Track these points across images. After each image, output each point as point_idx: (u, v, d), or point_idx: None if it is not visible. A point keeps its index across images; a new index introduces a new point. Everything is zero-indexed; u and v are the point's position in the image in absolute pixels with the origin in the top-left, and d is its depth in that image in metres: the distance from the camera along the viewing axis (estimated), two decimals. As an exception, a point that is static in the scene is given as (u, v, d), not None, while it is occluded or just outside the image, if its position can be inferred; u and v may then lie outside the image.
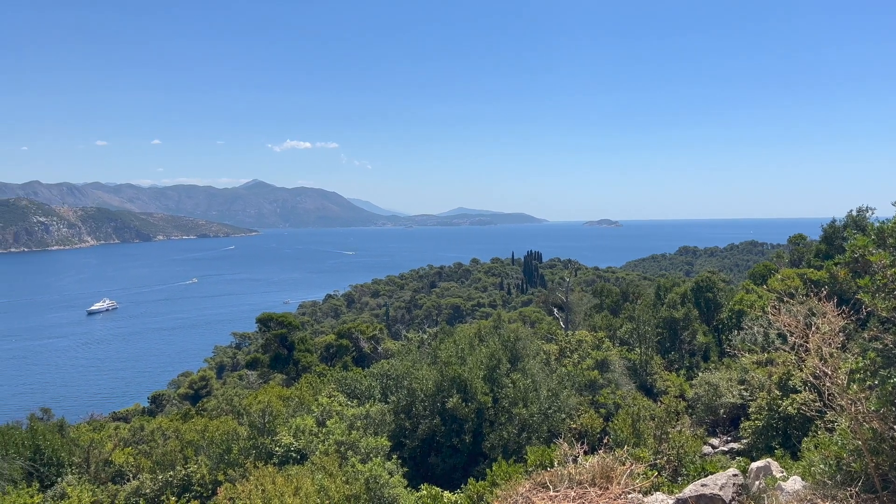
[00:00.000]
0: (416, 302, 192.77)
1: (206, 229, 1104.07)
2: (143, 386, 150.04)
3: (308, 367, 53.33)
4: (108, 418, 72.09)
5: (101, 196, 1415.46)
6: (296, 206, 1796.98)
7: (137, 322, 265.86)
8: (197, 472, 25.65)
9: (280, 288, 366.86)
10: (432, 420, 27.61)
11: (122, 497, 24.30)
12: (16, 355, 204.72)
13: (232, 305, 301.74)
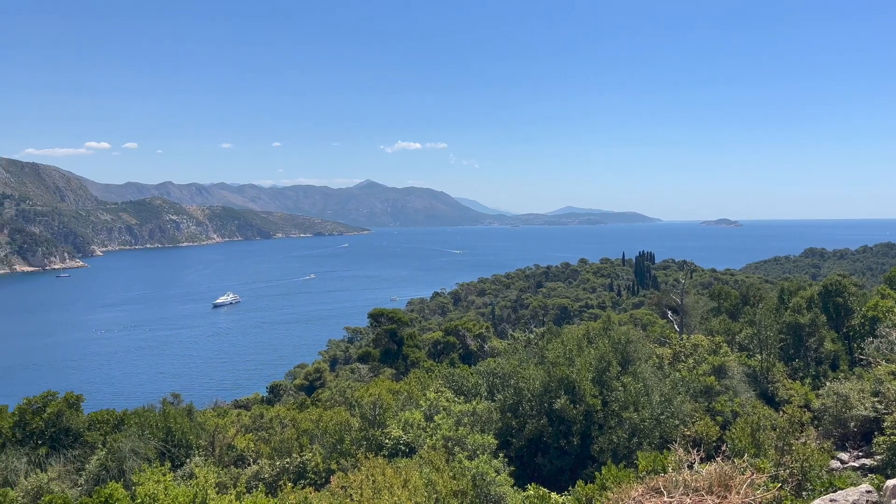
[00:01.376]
0: (523, 301, 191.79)
1: (321, 228, 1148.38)
2: (262, 376, 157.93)
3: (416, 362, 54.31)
4: (230, 405, 76.40)
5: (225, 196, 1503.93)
6: (405, 206, 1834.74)
7: (258, 315, 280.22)
8: (312, 459, 26.72)
9: (389, 285, 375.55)
10: (539, 420, 27.38)
11: (243, 480, 25.69)
12: (150, 344, 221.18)
13: (345, 301, 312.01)
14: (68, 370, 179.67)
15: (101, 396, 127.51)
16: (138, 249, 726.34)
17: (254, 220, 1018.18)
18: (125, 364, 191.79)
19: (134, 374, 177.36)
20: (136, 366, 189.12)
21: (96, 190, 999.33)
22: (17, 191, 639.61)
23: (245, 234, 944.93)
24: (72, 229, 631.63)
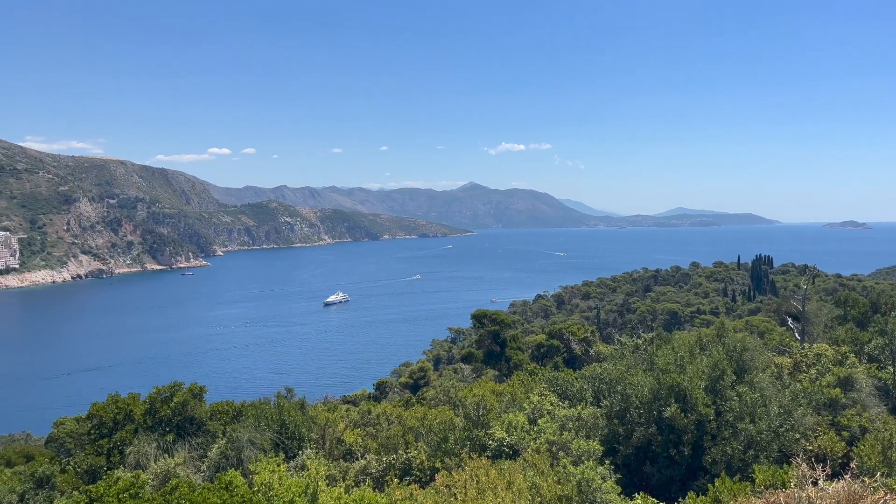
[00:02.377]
0: (630, 306, 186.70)
1: (426, 229, 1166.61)
2: (369, 373, 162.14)
3: (519, 364, 54.06)
4: (339, 401, 78.95)
5: (336, 198, 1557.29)
6: (508, 207, 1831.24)
7: (366, 314, 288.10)
8: (417, 457, 27.18)
9: (491, 286, 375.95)
10: (648, 428, 26.57)
11: (351, 474, 26.50)
12: (265, 340, 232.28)
13: (448, 301, 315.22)
14: (192, 363, 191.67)
15: (221, 388, 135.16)
16: (255, 250, 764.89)
17: (362, 221, 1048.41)
18: (242, 358, 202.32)
19: (250, 369, 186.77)
20: (252, 360, 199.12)
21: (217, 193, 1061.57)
22: (149, 194, 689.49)
23: (354, 235, 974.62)
24: (196, 230, 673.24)
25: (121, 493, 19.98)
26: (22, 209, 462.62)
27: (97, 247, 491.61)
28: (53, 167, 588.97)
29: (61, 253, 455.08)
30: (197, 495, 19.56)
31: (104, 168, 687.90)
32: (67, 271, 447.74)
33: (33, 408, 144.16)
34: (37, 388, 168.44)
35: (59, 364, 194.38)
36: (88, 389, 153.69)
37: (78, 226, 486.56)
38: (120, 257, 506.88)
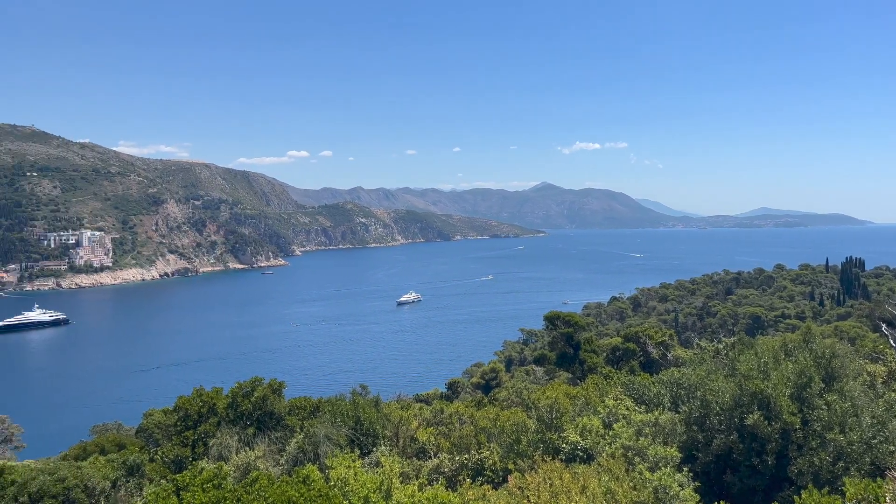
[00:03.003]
0: (710, 309, 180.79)
1: (498, 230, 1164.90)
2: (441, 372, 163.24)
3: (593, 367, 53.23)
4: (412, 399, 79.73)
5: (409, 199, 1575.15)
6: (582, 208, 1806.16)
7: (438, 314, 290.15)
8: (489, 458, 27.16)
9: (564, 287, 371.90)
10: (728, 436, 25.66)
11: (424, 472, 26.72)
12: (340, 338, 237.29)
13: (520, 302, 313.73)
14: (271, 359, 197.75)
15: (298, 384, 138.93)
16: (331, 250, 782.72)
17: (435, 222, 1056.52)
18: (318, 355, 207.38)
19: (325, 366, 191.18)
20: (327, 357, 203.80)
21: (296, 195, 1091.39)
22: (231, 196, 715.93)
23: (426, 235, 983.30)
24: (275, 231, 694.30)
25: (205, 483, 20.82)
26: (115, 210, 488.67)
27: (183, 246, 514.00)
28: (143, 170, 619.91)
29: (150, 252, 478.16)
30: (276, 488, 20.17)
31: (190, 171, 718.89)
32: (155, 269, 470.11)
33: (124, 399, 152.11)
34: (128, 380, 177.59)
35: (149, 358, 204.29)
36: (175, 383, 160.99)
37: (165, 226, 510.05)
38: (204, 256, 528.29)
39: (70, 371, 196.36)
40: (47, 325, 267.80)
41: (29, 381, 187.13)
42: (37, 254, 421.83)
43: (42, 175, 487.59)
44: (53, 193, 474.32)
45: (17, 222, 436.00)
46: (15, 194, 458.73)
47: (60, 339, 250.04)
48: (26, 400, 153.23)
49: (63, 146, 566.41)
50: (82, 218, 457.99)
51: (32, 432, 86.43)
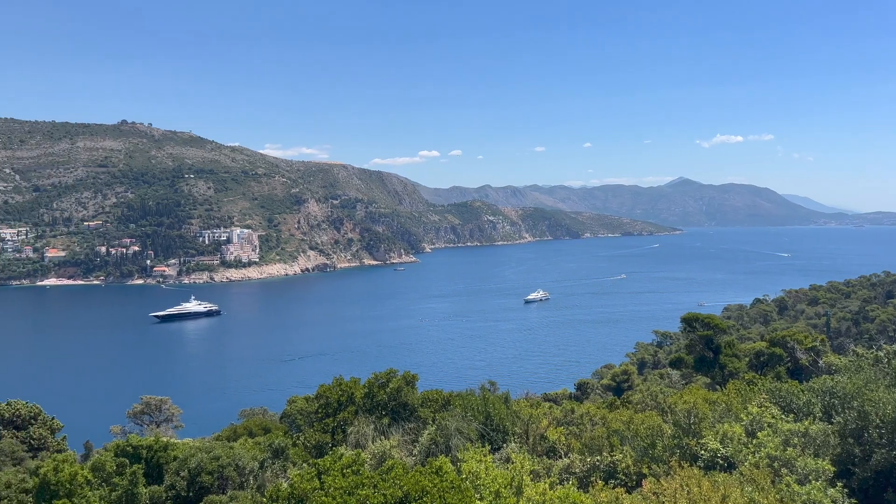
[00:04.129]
0: (867, 313, 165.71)
1: (630, 227, 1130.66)
2: (569, 372, 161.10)
3: (735, 372, 50.48)
4: (540, 398, 79.30)
5: (537, 197, 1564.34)
6: (722, 204, 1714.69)
7: (566, 313, 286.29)
8: (622, 461, 26.53)
9: (701, 288, 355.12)
10: (891, 451, 23.51)
11: (555, 471, 26.56)
12: (468, 334, 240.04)
13: (653, 303, 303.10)
14: (402, 352, 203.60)
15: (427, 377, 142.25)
16: (460, 247, 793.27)
17: (563, 220, 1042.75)
18: (446, 350, 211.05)
19: (453, 360, 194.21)
20: (455, 353, 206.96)
21: (426, 193, 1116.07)
22: (366, 195, 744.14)
23: (555, 233, 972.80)
24: (407, 229, 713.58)
25: (344, 468, 21.86)
26: (261, 209, 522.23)
27: (322, 243, 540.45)
28: (287, 171, 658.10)
29: (293, 248, 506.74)
30: (410, 477, 20.81)
31: (329, 172, 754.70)
32: (297, 265, 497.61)
33: (269, 386, 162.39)
34: (272, 369, 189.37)
35: (291, 348, 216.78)
36: (314, 372, 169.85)
37: (307, 224, 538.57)
38: (341, 253, 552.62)
39: (221, 358, 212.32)
40: (202, 315, 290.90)
41: (186, 366, 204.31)
42: (193, 249, 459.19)
43: (198, 177, 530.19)
44: (207, 194, 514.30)
45: (176, 220, 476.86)
46: (175, 195, 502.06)
47: (213, 329, 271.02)
48: (184, 383, 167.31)
49: (216, 150, 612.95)
50: (232, 216, 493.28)
51: (189, 413, 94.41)
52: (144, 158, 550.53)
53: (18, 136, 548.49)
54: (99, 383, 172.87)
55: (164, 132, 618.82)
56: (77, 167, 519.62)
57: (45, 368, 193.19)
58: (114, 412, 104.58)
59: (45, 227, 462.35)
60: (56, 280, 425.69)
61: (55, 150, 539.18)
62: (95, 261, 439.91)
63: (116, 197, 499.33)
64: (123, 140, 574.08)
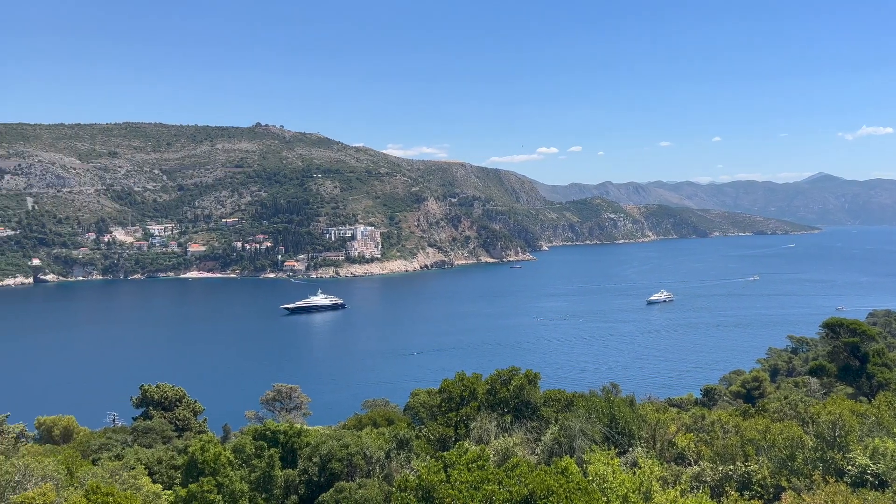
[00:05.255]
0: None
1: (762, 226, 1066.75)
2: (693, 377, 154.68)
3: (885, 383, 46.52)
4: (664, 402, 76.63)
5: (661, 194, 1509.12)
6: (868, 201, 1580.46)
7: (692, 315, 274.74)
8: (758, 472, 25.18)
9: (842, 291, 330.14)
10: None
11: (684, 479, 25.60)
12: (586, 334, 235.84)
13: (787, 306, 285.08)
14: (520, 350, 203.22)
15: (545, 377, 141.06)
16: (578, 245, 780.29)
17: (690, 217, 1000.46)
18: (564, 350, 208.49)
19: (572, 361, 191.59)
20: (573, 353, 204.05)
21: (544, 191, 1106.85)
22: (484, 193, 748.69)
23: (680, 231, 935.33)
24: (524, 226, 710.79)
25: (470, 463, 22.18)
26: (383, 207, 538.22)
27: (441, 241, 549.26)
28: (408, 170, 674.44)
29: (412, 245, 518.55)
30: (535, 476, 20.79)
31: (447, 170, 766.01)
32: (417, 261, 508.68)
33: (390, 379, 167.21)
34: (393, 362, 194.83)
35: (411, 342, 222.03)
36: (433, 366, 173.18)
37: (426, 222, 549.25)
38: (459, 250, 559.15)
39: (345, 350, 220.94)
40: (328, 308, 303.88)
41: (313, 356, 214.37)
42: (320, 245, 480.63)
43: (325, 176, 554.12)
44: (334, 192, 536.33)
45: (305, 218, 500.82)
46: (304, 193, 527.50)
47: (338, 321, 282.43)
48: (311, 373, 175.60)
49: (342, 150, 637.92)
50: (357, 214, 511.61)
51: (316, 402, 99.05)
52: (276, 159, 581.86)
53: (166, 140, 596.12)
54: (234, 369, 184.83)
55: (294, 134, 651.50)
56: (216, 168, 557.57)
57: (187, 354, 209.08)
58: (248, 397, 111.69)
59: (188, 224, 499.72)
60: (197, 273, 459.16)
61: (197, 152, 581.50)
62: (232, 255, 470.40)
63: (251, 195, 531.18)
64: (258, 142, 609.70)
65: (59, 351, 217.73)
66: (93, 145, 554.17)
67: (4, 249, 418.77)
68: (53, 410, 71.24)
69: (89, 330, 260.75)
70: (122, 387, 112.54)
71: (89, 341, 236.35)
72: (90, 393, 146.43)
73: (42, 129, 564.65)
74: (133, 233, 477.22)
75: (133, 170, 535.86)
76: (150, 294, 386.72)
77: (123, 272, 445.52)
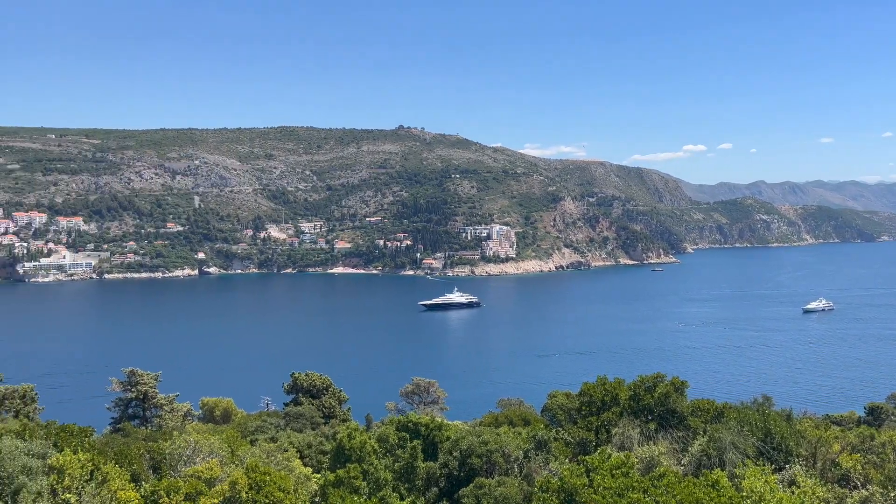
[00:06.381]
0: None
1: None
2: (856, 394, 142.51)
3: None
4: (822, 419, 70.98)
5: (821, 194, 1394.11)
6: None
7: (856, 326, 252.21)
8: (940, 502, 22.70)
9: None
10: None
11: (849, 503, 23.60)
12: (735, 342, 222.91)
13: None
14: (662, 357, 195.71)
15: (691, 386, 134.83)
16: (726, 248, 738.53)
17: (854, 220, 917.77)
18: (710, 358, 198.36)
19: (719, 369, 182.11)
20: (720, 362, 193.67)
21: (690, 190, 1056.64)
22: (624, 193, 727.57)
23: (842, 235, 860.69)
24: (667, 227, 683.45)
25: (613, 469, 21.71)
26: (519, 207, 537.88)
27: (577, 241, 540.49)
28: (545, 170, 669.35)
29: (547, 246, 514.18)
30: (683, 487, 20.00)
31: (586, 169, 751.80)
32: (552, 262, 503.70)
33: (524, 379, 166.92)
34: (528, 362, 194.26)
35: (548, 344, 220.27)
36: (570, 369, 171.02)
37: (562, 222, 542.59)
38: (596, 251, 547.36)
39: (480, 348, 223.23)
40: (463, 306, 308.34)
41: (448, 352, 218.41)
42: (456, 244, 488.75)
43: (462, 177, 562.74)
44: (471, 192, 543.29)
45: (443, 217, 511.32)
46: (442, 193, 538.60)
47: (473, 320, 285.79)
48: (446, 368, 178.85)
49: (479, 150, 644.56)
50: (493, 214, 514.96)
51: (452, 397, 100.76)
52: (417, 160, 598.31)
53: (316, 142, 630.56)
54: (375, 361, 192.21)
55: (434, 135, 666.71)
56: (361, 169, 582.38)
57: (331, 344, 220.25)
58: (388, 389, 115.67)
59: (335, 222, 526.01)
60: (342, 268, 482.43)
61: (344, 153, 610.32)
62: (374, 253, 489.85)
63: (393, 195, 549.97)
64: (400, 143, 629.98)
65: (220, 336, 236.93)
66: (251, 148, 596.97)
67: (175, 244, 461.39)
68: (214, 392, 77.40)
69: (246, 318, 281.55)
70: (273, 373, 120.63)
71: (246, 329, 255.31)
72: (245, 377, 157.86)
73: (208, 133, 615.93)
74: (286, 230, 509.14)
75: (286, 171, 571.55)
76: (299, 287, 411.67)
77: (277, 266, 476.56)
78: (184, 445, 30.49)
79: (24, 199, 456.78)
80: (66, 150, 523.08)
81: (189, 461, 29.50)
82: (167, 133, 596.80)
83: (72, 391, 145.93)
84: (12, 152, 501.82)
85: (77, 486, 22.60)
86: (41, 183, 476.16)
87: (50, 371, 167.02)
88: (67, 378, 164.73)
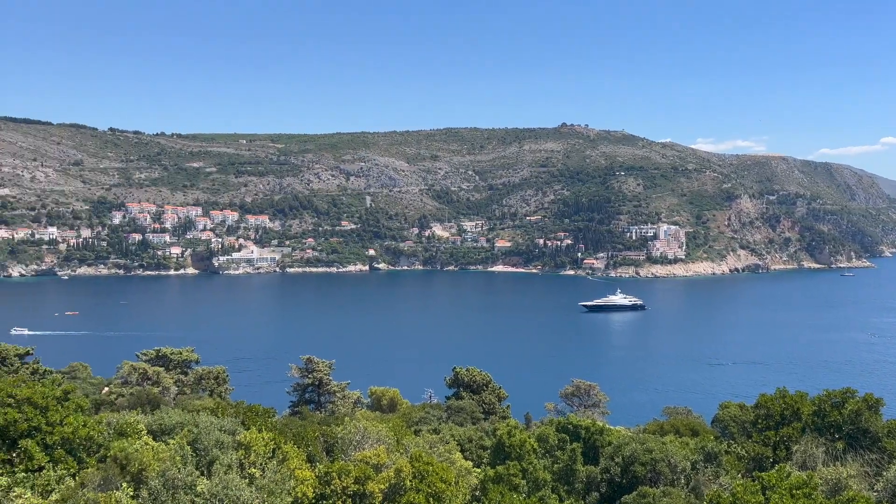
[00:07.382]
0: None
1: None
2: None
3: None
4: None
5: None
6: None
7: None
8: None
9: None
10: None
11: None
12: None
13: None
14: (849, 369, 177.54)
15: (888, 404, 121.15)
16: None
17: None
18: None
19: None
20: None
21: (888, 187, 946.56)
22: (809, 190, 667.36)
23: None
24: (860, 228, 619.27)
25: (793, 488, 20.04)
26: (689, 205, 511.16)
27: (754, 242, 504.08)
28: (718, 166, 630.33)
29: (721, 247, 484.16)
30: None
31: (765, 165, 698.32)
32: (726, 264, 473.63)
33: (692, 387, 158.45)
34: (697, 370, 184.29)
35: (719, 351, 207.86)
36: (744, 380, 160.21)
37: (738, 221, 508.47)
38: (776, 253, 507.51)
39: (644, 353, 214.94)
40: (627, 308, 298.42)
41: (610, 356, 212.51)
42: (620, 244, 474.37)
43: (628, 174, 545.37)
44: (636, 190, 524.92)
45: (606, 216, 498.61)
46: (606, 191, 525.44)
47: (637, 323, 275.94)
48: (608, 371, 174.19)
49: (647, 147, 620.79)
50: (660, 213, 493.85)
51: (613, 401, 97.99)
52: (580, 158, 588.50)
53: (479, 143, 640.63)
54: (534, 361, 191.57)
55: (598, 132, 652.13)
56: (522, 168, 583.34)
57: (491, 341, 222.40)
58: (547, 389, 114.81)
59: (496, 221, 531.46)
60: (502, 267, 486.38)
61: (506, 153, 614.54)
62: (534, 251, 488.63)
63: (554, 194, 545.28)
64: (562, 141, 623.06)
65: (387, 328, 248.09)
66: (418, 150, 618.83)
67: (348, 241, 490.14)
68: (381, 381, 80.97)
69: (411, 312, 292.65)
70: (435, 366, 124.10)
71: (411, 322, 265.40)
72: (410, 368, 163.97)
73: (378, 136, 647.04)
74: (448, 228, 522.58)
75: (450, 171, 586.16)
76: (461, 284, 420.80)
77: (440, 263, 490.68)
78: (354, 431, 32.30)
79: (219, 198, 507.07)
80: (254, 153, 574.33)
81: (358, 446, 31.21)
82: (342, 137, 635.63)
83: (256, 375, 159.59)
84: (210, 157, 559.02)
85: (261, 462, 24.75)
86: (233, 184, 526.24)
87: (239, 355, 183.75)
88: (253, 363, 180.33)
